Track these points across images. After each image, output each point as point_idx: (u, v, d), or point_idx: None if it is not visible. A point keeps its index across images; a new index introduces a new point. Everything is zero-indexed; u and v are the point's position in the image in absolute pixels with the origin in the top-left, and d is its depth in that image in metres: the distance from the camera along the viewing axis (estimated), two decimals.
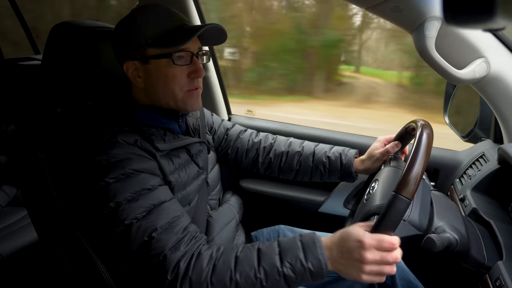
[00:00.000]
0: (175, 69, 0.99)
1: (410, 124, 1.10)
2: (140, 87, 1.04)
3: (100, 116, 1.04)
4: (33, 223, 1.10)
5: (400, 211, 0.80)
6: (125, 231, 0.88)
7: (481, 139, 1.48)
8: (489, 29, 0.43)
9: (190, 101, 1.04)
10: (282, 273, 0.84)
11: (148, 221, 0.88)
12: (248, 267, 0.85)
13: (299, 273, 0.84)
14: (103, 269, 1.04)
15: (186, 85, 1.02)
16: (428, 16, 1.06)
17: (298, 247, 0.86)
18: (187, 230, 0.91)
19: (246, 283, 0.84)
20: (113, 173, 0.90)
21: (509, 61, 1.13)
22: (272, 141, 1.40)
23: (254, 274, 0.84)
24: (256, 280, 0.84)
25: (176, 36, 0.97)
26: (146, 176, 0.94)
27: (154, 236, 0.86)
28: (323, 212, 1.77)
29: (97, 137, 0.96)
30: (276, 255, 0.86)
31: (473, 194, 1.22)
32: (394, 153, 1.20)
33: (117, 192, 0.89)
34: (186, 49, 1.00)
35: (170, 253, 0.85)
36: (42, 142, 1.03)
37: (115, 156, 0.92)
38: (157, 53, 0.98)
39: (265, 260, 0.85)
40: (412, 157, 0.84)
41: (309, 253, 0.85)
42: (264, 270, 0.84)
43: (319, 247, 0.85)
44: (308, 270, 0.84)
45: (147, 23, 0.98)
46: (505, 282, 0.82)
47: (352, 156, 1.29)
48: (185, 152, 1.09)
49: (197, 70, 1.02)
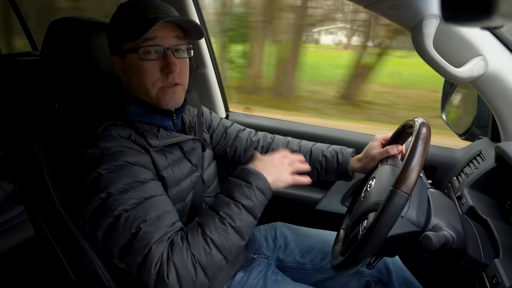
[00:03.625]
0: (145, 63, 0.98)
1: (407, 122, 1.10)
2: (124, 82, 1.05)
3: (94, 112, 1.04)
4: (30, 219, 1.10)
5: (399, 206, 0.80)
6: (114, 223, 0.88)
7: (478, 137, 1.48)
8: (487, 27, 0.43)
9: (164, 98, 1.02)
10: (240, 203, 0.92)
11: (137, 212, 0.88)
12: (211, 220, 0.91)
13: (251, 195, 0.94)
14: (100, 265, 1.04)
15: (159, 80, 1.00)
16: (426, 14, 1.06)
17: (236, 180, 0.96)
18: (174, 226, 0.91)
19: (220, 234, 0.90)
20: (106, 164, 0.90)
21: (507, 59, 1.13)
22: (270, 140, 1.40)
23: (220, 220, 0.91)
24: (224, 224, 0.90)
25: (137, 29, 0.95)
26: (139, 169, 0.94)
27: (141, 227, 0.87)
28: (321, 209, 1.77)
29: (90, 130, 0.96)
30: (225, 197, 0.94)
31: (470, 192, 1.23)
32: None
33: (109, 182, 0.89)
34: (158, 44, 0.98)
35: (156, 246, 0.86)
36: (39, 137, 1.03)
37: (109, 148, 0.92)
38: (128, 47, 0.98)
39: (220, 206, 0.93)
40: (410, 152, 0.85)
41: (246, 176, 0.96)
42: (224, 212, 0.92)
43: (249, 167, 0.98)
44: (257, 188, 0.94)
45: (125, 17, 0.98)
46: (502, 280, 0.82)
47: (348, 155, 1.29)
48: (178, 149, 1.08)
49: (168, 64, 0.99)
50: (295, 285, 1.19)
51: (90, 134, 0.95)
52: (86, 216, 0.92)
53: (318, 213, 1.78)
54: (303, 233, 1.42)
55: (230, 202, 0.92)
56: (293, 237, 1.40)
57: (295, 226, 1.45)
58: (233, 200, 0.93)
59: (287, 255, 1.35)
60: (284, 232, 1.41)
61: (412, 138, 0.90)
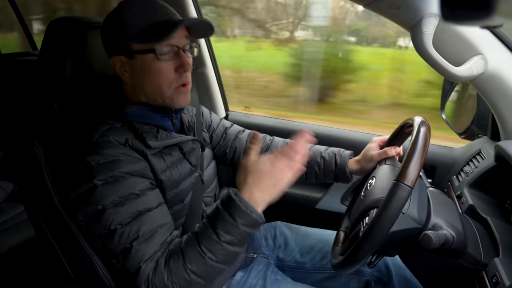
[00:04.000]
0: (161, 64, 0.98)
1: (406, 121, 1.10)
2: (128, 82, 1.03)
3: (93, 112, 1.03)
4: (30, 219, 1.10)
5: (402, 199, 0.81)
6: (109, 235, 0.89)
7: (478, 136, 1.49)
8: (487, 26, 0.43)
9: (178, 98, 1.03)
10: (221, 241, 0.86)
11: (131, 228, 0.89)
12: (193, 252, 0.87)
13: (236, 232, 0.86)
14: (99, 265, 1.04)
15: (174, 80, 1.00)
16: (426, 13, 1.06)
17: (222, 211, 0.87)
18: (165, 242, 0.91)
19: (199, 267, 0.87)
20: (102, 175, 0.90)
21: (507, 58, 1.13)
22: (269, 141, 1.40)
23: (201, 255, 0.87)
24: (205, 259, 0.87)
25: (159, 30, 0.95)
26: (135, 179, 0.93)
27: (133, 245, 0.88)
28: (320, 208, 1.77)
29: (88, 136, 0.96)
30: (209, 228, 0.87)
31: (470, 191, 1.23)
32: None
33: (104, 195, 0.90)
34: (172, 44, 0.98)
35: (145, 266, 0.87)
36: (39, 137, 1.03)
37: (105, 157, 0.92)
38: (141, 48, 0.97)
39: (203, 239, 0.88)
40: (411, 147, 0.85)
41: (232, 211, 0.85)
42: (206, 247, 0.87)
43: (237, 199, 0.85)
44: (242, 225, 0.85)
45: (133, 17, 0.97)
46: (502, 279, 0.82)
47: (346, 156, 1.29)
48: (178, 150, 1.08)
49: (183, 64, 1.00)
50: (294, 284, 1.19)
51: (86, 140, 0.95)
52: (82, 221, 0.94)
53: (317, 212, 1.78)
54: (303, 232, 1.42)
55: (212, 236, 0.86)
56: (293, 237, 1.40)
57: (294, 226, 1.45)
58: (215, 234, 0.86)
59: (286, 254, 1.35)
60: (284, 232, 1.41)
61: (412, 135, 0.90)
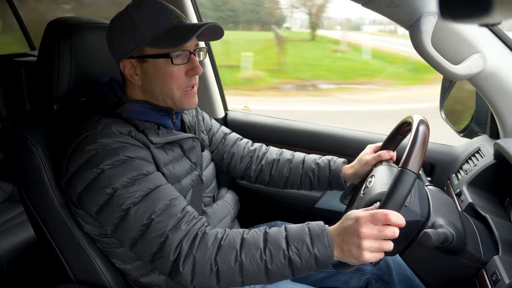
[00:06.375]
0: (174, 68, 1.00)
1: (405, 120, 1.10)
2: (137, 85, 1.04)
3: (92, 112, 1.03)
4: (29, 219, 1.10)
5: (408, 185, 0.81)
6: (124, 217, 0.89)
7: (477, 134, 1.49)
8: (486, 24, 0.43)
9: (187, 100, 1.05)
10: (288, 256, 0.84)
11: (145, 204, 0.89)
12: (254, 248, 0.86)
13: (304, 258, 0.84)
14: (99, 265, 1.04)
15: (184, 83, 1.03)
16: (424, 11, 1.06)
17: (305, 233, 0.86)
18: (185, 210, 0.92)
19: (251, 264, 0.85)
20: (108, 160, 0.91)
21: (505, 56, 1.13)
22: (265, 150, 1.41)
23: (260, 255, 0.85)
24: (262, 261, 0.85)
25: (175, 36, 0.97)
26: (141, 162, 0.95)
27: (153, 218, 0.88)
28: (320, 207, 1.77)
29: (91, 127, 0.97)
30: (283, 238, 0.86)
31: (469, 189, 1.23)
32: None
33: (113, 178, 0.90)
34: (184, 48, 1.00)
35: (172, 233, 0.87)
36: (38, 138, 1.03)
37: (109, 144, 0.93)
38: (155, 53, 0.99)
39: (272, 242, 0.86)
40: (414, 134, 0.86)
41: (316, 239, 0.85)
42: (270, 252, 0.85)
43: (326, 234, 0.85)
44: (314, 256, 0.84)
45: (145, 21, 0.98)
46: (502, 277, 0.82)
47: (340, 163, 1.29)
48: (178, 147, 1.09)
49: (194, 67, 1.03)
50: (294, 284, 1.19)
51: (90, 132, 0.96)
52: (93, 212, 0.93)
53: (317, 211, 1.78)
54: None
55: (282, 248, 0.85)
56: None
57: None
58: (286, 248, 0.85)
59: None
60: None
61: (412, 128, 0.91)
